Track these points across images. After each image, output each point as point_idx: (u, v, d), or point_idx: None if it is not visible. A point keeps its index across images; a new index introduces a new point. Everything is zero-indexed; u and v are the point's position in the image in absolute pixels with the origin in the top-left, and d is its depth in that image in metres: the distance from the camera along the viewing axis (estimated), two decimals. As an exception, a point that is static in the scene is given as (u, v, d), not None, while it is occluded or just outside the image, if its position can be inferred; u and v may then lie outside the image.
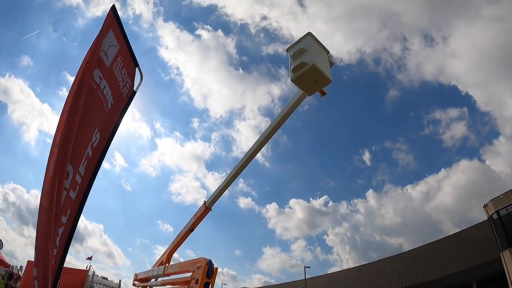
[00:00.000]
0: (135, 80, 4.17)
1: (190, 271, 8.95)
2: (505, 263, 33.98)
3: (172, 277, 11.03)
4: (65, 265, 3.16)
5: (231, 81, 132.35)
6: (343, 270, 62.30)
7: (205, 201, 11.89)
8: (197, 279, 8.14)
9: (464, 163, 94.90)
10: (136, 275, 14.57)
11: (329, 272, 66.54)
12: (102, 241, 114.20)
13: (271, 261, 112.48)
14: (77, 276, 28.96)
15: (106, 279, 30.21)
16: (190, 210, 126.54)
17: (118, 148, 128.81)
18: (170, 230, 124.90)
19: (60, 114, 2.78)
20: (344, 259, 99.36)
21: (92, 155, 3.38)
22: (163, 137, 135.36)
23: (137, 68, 4.16)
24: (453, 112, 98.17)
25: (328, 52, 5.11)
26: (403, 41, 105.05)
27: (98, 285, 27.82)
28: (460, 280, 42.77)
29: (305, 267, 49.06)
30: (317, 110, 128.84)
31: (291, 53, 4.90)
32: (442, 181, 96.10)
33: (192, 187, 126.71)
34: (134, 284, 14.55)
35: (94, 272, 28.78)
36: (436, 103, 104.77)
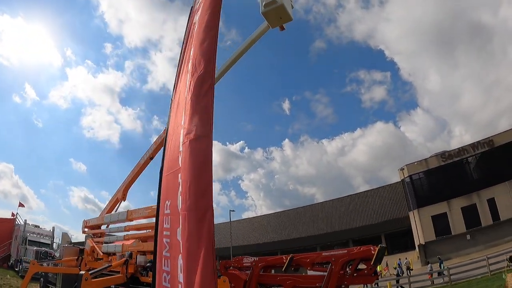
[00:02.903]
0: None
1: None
2: (414, 221, 38.22)
3: (137, 222, 10.76)
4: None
5: (151, 8, 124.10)
6: (260, 216, 66.73)
7: (166, 127, 11.73)
8: None
9: (380, 125, 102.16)
10: (85, 221, 14.11)
11: (243, 216, 70.18)
12: (13, 182, 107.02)
13: None
14: (2, 226, 26.91)
15: (38, 227, 28.04)
16: (103, 147, 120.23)
17: (29, 78, 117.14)
18: (83, 169, 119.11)
19: None
20: (258, 205, 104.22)
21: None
22: (74, 66, 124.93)
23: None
24: (377, 75, 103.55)
25: None
26: None
27: (31, 234, 25.78)
28: (370, 232, 47.33)
29: (230, 210, 52.04)
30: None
31: None
32: (357, 139, 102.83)
33: (105, 121, 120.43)
34: (84, 232, 14.05)
35: (26, 220, 26.83)
36: (361, 64, 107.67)
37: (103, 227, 13.57)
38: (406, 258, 34.59)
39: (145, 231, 10.20)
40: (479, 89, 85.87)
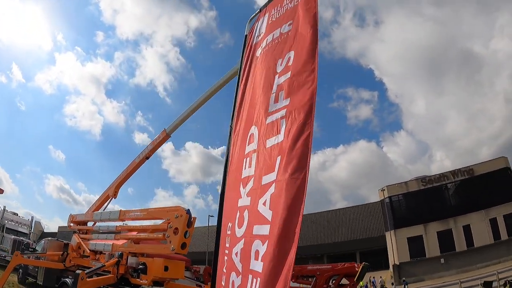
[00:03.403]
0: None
1: (163, 219, 8.97)
2: (391, 241, 38.84)
3: (134, 223, 10.68)
4: None
5: (148, 1, 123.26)
6: None
7: (165, 129, 11.84)
8: (176, 228, 8.31)
9: (362, 143, 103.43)
10: (72, 216, 13.88)
11: None
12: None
13: (163, 203, 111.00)
14: (-22, 210, 25.92)
15: (17, 215, 26.96)
16: (84, 137, 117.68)
17: (17, 59, 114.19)
18: (62, 158, 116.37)
19: None
20: None
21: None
22: (63, 52, 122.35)
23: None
24: (364, 94, 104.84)
25: None
26: (336, 11, 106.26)
27: (10, 222, 24.79)
28: (345, 248, 47.86)
29: (209, 216, 51.60)
30: (232, 52, 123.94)
31: None
32: (339, 155, 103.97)
33: (88, 111, 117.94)
34: (70, 227, 13.82)
35: (5, 207, 25.89)
36: (350, 81, 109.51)
37: (90, 223, 13.39)
38: (380, 277, 35.12)
39: (138, 233, 10.14)
40: (463, 117, 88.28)
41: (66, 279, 10.77)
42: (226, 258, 2.90)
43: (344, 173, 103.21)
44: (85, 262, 11.59)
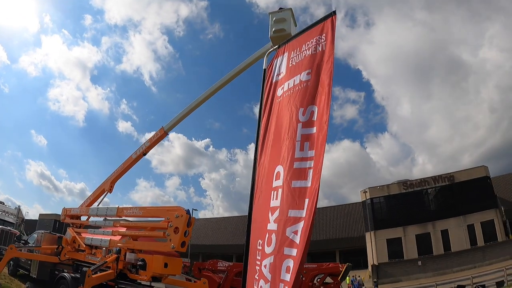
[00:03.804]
0: None
1: (163, 218, 9.30)
2: (370, 241, 39.83)
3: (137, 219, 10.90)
4: None
5: None
6: (220, 218, 68.50)
7: (163, 126, 12.15)
8: (176, 227, 8.69)
9: (346, 143, 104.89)
10: (66, 210, 14.00)
11: (200, 215, 70.08)
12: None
13: (144, 193, 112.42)
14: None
15: (3, 203, 26.36)
16: (66, 123, 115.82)
17: (2, 39, 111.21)
18: (43, 143, 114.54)
19: None
20: (216, 205, 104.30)
21: None
22: (49, 34, 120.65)
23: None
24: (351, 94, 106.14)
25: (296, 25, 7.21)
26: (328, 10, 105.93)
27: None
28: (325, 247, 48.65)
29: (193, 209, 51.88)
30: (222, 44, 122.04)
31: (274, 18, 6.94)
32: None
33: (72, 96, 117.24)
34: (63, 220, 13.94)
35: None
36: (337, 81, 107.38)
37: (84, 218, 13.55)
38: (359, 276, 35.99)
39: (137, 230, 10.41)
40: (447, 123, 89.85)
41: (64, 274, 10.96)
42: (258, 268, 3.64)
43: (326, 172, 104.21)
44: (81, 256, 11.79)
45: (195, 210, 54.21)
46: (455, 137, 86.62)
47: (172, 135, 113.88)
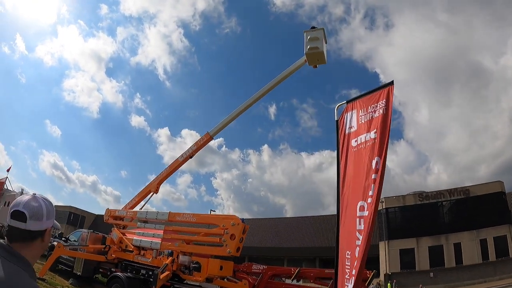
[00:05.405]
0: None
1: (219, 225, 10.17)
2: (384, 251, 40.28)
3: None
4: None
5: None
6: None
7: (208, 132, 12.99)
8: (232, 234, 9.58)
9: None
10: (109, 211, 14.69)
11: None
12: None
13: None
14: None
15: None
16: (80, 114, 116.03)
17: (20, 29, 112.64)
18: (57, 134, 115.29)
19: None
20: (226, 205, 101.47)
21: None
22: (66, 25, 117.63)
23: None
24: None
25: (326, 42, 8.42)
26: (347, 9, 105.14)
27: None
28: (329, 254, 48.86)
29: (210, 210, 52.48)
30: (238, 40, 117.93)
31: (309, 37, 8.17)
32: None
33: (87, 87, 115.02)
34: (107, 220, 14.66)
35: (22, 190, 26.19)
36: (354, 83, 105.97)
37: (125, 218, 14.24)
38: (372, 284, 36.56)
39: (190, 234, 11.27)
40: (465, 132, 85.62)
41: (118, 273, 11.75)
42: (347, 271, 5.12)
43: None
44: (129, 257, 12.43)
45: (213, 211, 54.88)
46: (473, 147, 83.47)
47: (185, 131, 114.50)
